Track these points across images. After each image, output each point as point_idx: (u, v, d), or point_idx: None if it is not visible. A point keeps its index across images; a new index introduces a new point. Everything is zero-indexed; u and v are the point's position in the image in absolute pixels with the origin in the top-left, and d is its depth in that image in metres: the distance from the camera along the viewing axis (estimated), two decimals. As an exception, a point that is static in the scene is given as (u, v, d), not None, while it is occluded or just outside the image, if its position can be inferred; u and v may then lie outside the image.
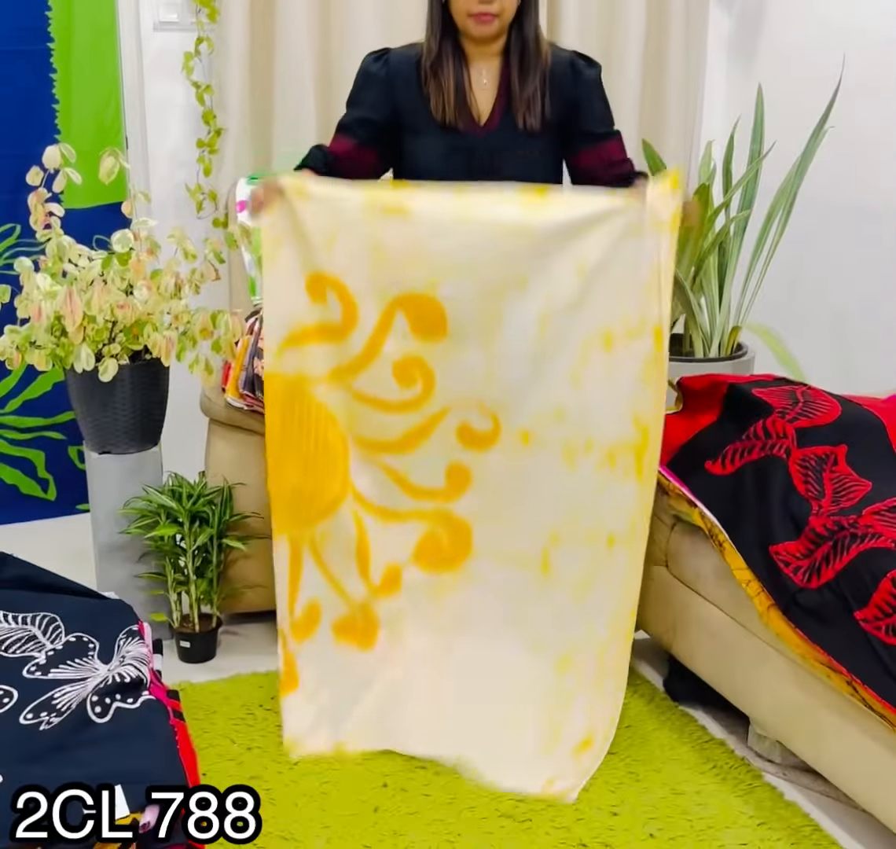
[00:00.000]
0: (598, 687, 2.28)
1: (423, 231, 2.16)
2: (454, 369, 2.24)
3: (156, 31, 3.27)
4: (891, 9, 3.13)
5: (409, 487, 2.34)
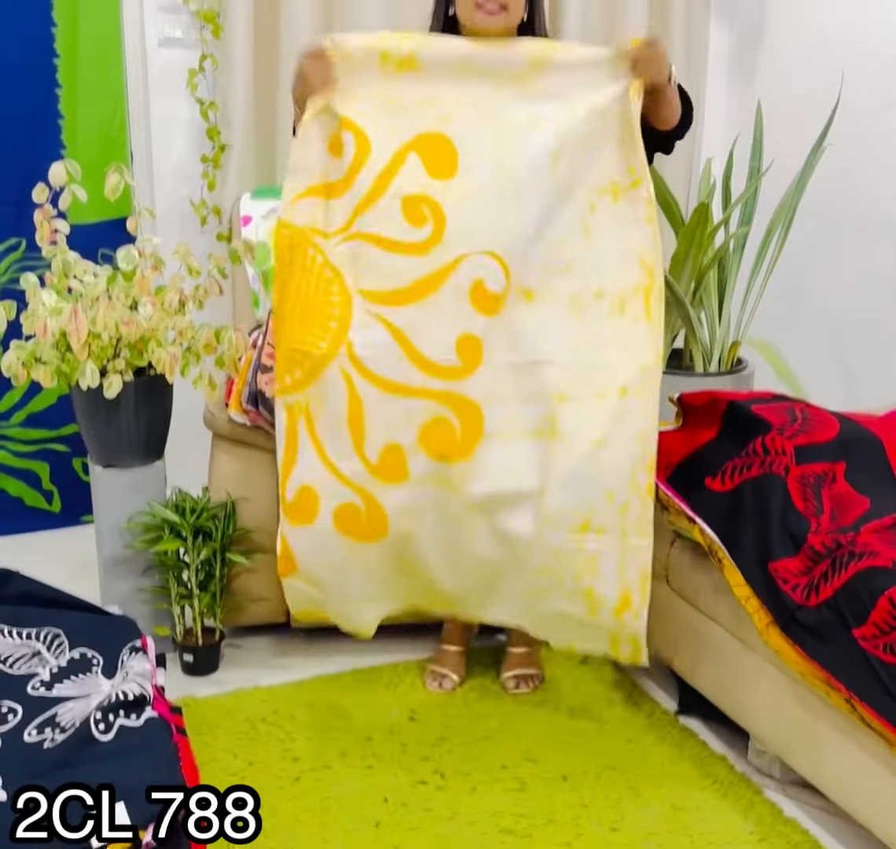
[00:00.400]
0: (623, 546, 2.25)
1: (434, 78, 2.20)
2: (466, 208, 2.19)
3: (161, 48, 3.30)
4: (890, 26, 3.15)
5: (417, 357, 2.20)
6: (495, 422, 2.23)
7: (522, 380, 2.23)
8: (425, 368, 2.20)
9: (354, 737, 2.46)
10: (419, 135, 2.21)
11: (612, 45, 2.23)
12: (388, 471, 2.23)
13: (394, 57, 2.21)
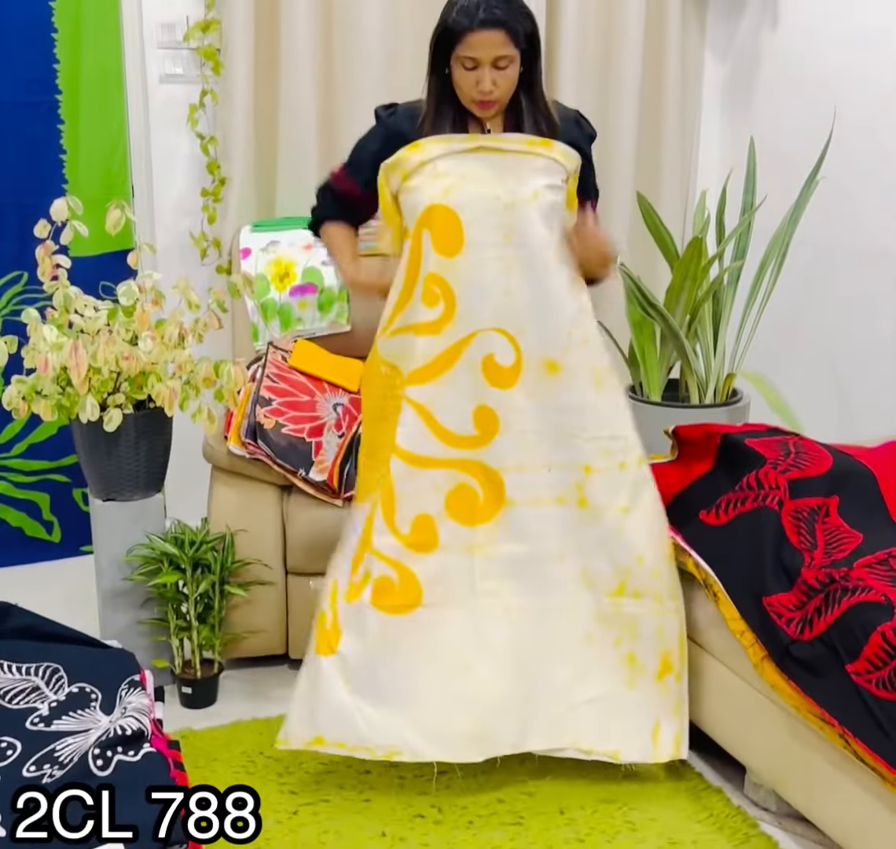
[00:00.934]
0: (660, 608, 2.36)
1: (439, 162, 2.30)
2: (472, 285, 2.29)
3: (162, 84, 3.34)
4: (881, 61, 3.19)
5: (439, 430, 2.33)
6: (517, 488, 2.34)
7: (550, 448, 2.35)
8: (447, 439, 2.34)
9: (352, 770, 2.46)
10: (427, 207, 2.28)
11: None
12: (420, 541, 2.34)
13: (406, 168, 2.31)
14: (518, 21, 2.22)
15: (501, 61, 2.22)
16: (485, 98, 2.26)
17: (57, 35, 3.19)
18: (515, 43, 2.22)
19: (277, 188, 3.42)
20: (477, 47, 2.20)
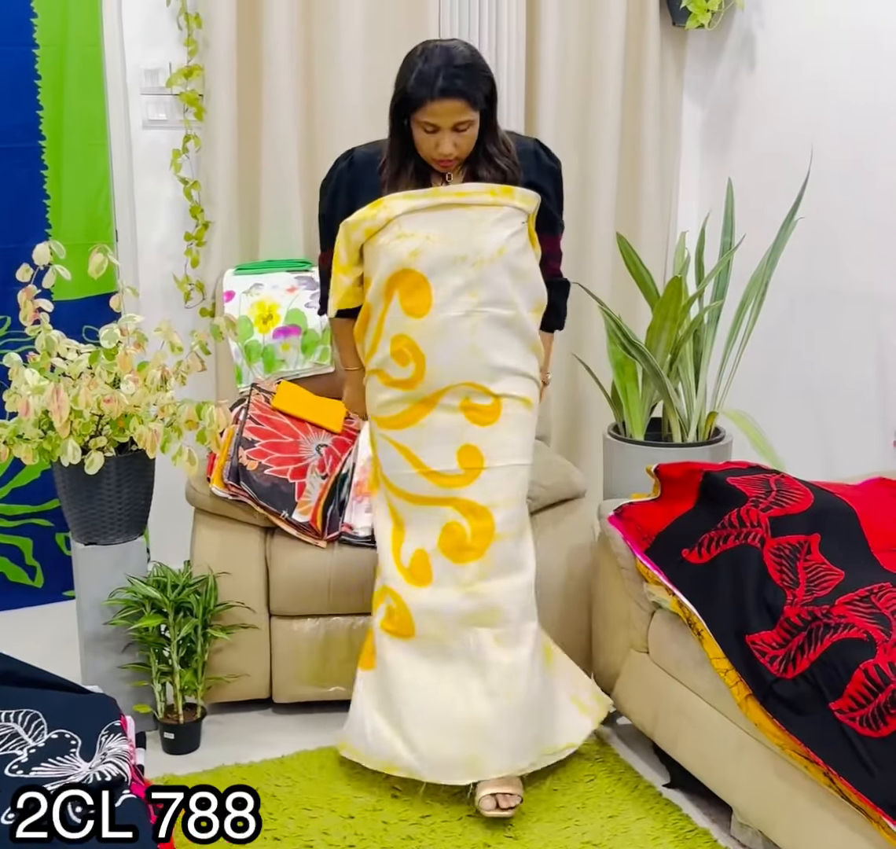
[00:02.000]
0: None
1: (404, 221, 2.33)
2: (441, 346, 2.33)
3: (145, 129, 3.37)
4: (856, 103, 3.24)
5: (425, 470, 2.39)
6: (506, 523, 2.40)
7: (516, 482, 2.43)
8: (434, 478, 2.39)
9: (336, 815, 2.44)
10: (395, 272, 2.32)
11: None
12: (417, 574, 2.42)
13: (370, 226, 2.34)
14: (477, 88, 2.24)
15: (461, 125, 2.25)
16: (444, 158, 2.28)
17: (40, 82, 3.22)
18: (474, 107, 2.24)
19: (260, 232, 3.44)
20: (437, 115, 2.23)
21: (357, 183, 2.40)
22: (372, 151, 2.42)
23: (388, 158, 2.36)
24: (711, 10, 3.55)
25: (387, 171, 2.36)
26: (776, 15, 3.55)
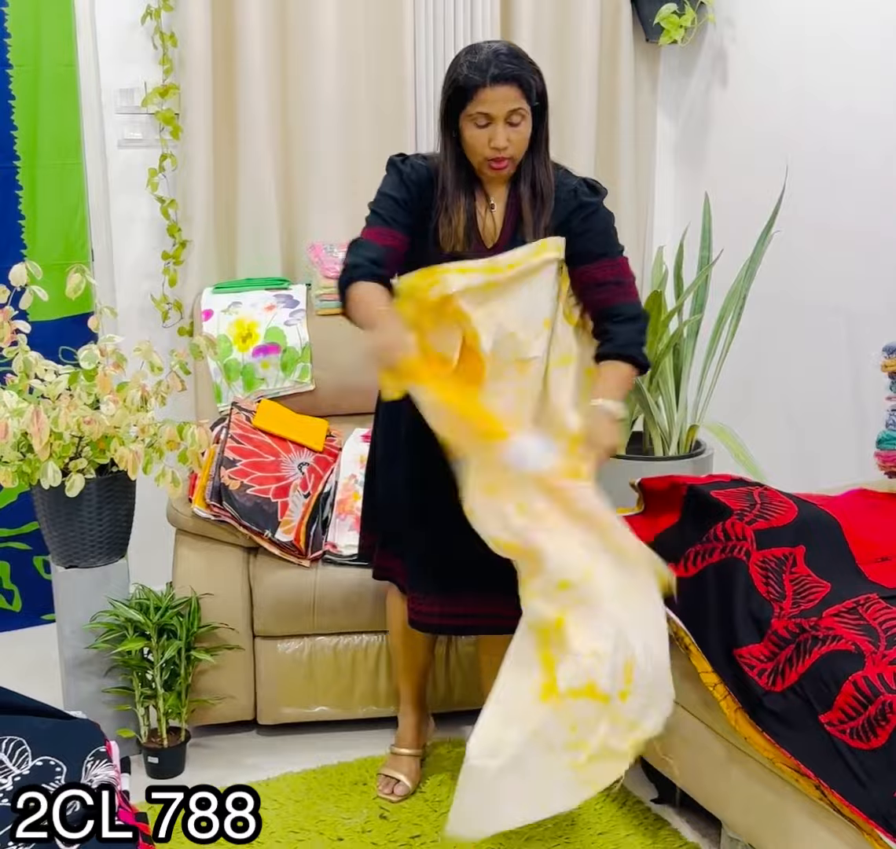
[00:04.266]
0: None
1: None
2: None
3: (120, 149, 3.35)
4: (829, 116, 3.27)
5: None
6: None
7: None
8: None
9: (325, 838, 2.42)
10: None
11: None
12: None
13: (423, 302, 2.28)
14: (530, 76, 2.20)
15: (515, 116, 2.19)
16: (498, 155, 2.22)
17: (14, 102, 3.20)
18: (528, 98, 2.20)
19: (238, 250, 3.43)
20: (490, 103, 2.18)
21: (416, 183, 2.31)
22: (424, 164, 2.34)
23: (444, 168, 2.29)
24: (684, 26, 3.58)
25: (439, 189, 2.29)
26: (748, 30, 3.58)
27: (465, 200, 2.31)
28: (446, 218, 2.30)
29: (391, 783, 2.60)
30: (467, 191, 2.31)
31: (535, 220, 2.31)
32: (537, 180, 2.31)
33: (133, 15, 3.26)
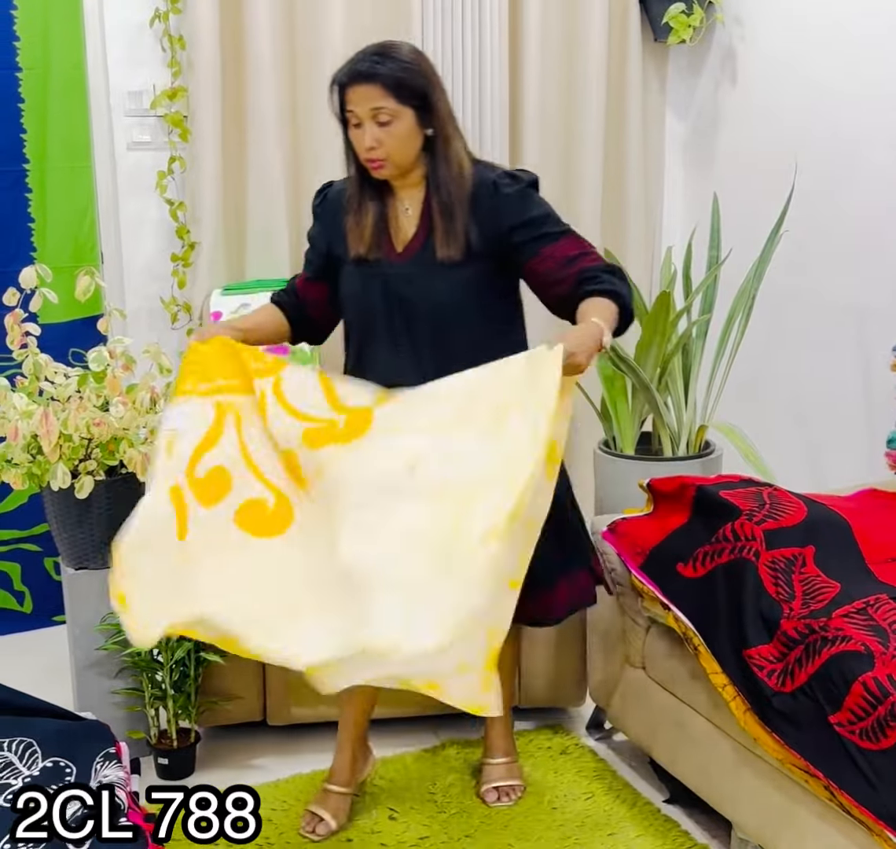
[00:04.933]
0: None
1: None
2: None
3: (129, 151, 3.36)
4: (839, 115, 3.26)
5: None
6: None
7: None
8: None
9: (334, 839, 2.42)
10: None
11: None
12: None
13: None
14: (397, 76, 2.13)
15: (381, 115, 2.14)
16: (369, 155, 2.18)
17: (24, 105, 3.21)
18: (397, 97, 2.13)
19: (247, 252, 3.43)
20: (354, 102, 2.15)
21: (326, 216, 2.38)
22: (344, 184, 2.36)
23: (348, 176, 2.31)
24: (693, 25, 3.57)
25: (348, 192, 2.31)
26: (757, 29, 3.58)
27: (372, 203, 2.28)
28: (354, 221, 2.30)
29: (314, 821, 2.44)
30: (373, 194, 2.28)
31: (446, 225, 2.24)
32: (441, 183, 2.23)
33: (142, 17, 3.27)
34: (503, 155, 3.59)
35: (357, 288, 2.36)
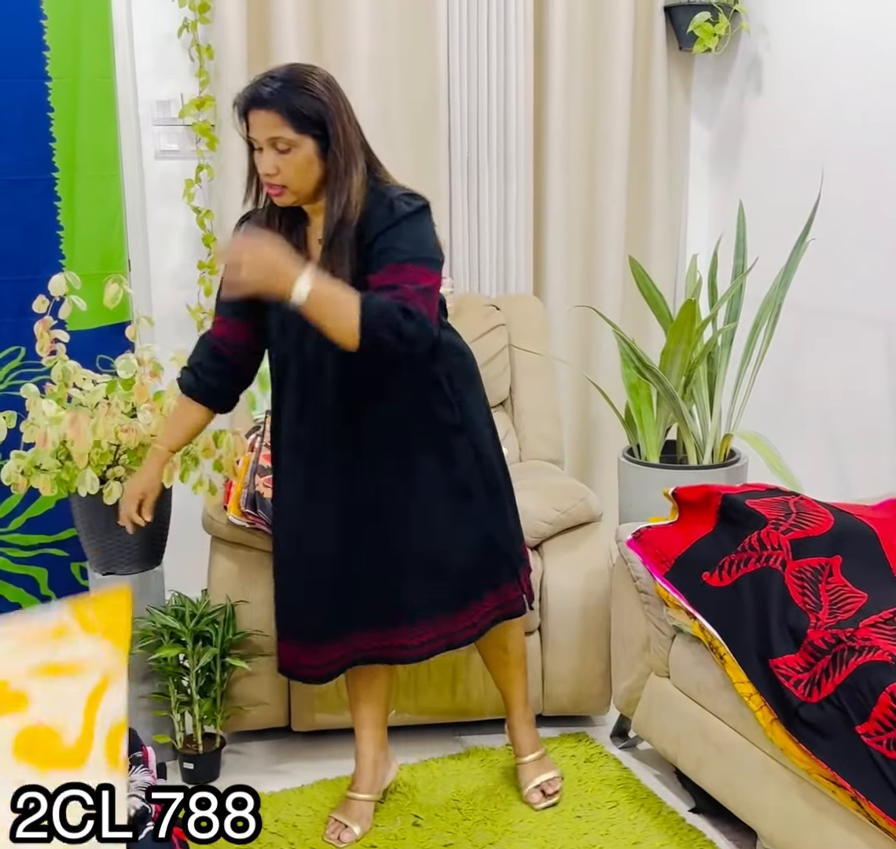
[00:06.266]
0: None
1: None
2: None
3: (157, 160, 3.39)
4: (865, 123, 3.25)
5: None
6: None
7: None
8: None
9: (359, 845, 2.43)
10: None
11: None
12: None
13: None
14: (292, 103, 2.05)
15: (279, 143, 2.07)
16: (268, 181, 2.12)
17: (53, 114, 3.23)
18: (295, 126, 2.06)
19: (273, 260, 3.45)
20: (254, 127, 2.10)
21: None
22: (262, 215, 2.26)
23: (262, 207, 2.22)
24: (718, 34, 3.57)
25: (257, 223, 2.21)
26: (782, 37, 3.57)
27: (284, 231, 2.19)
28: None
29: (339, 829, 2.46)
30: (288, 222, 2.21)
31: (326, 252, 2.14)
32: (331, 214, 2.13)
33: (170, 27, 3.30)
34: (528, 164, 3.60)
35: (275, 327, 2.28)
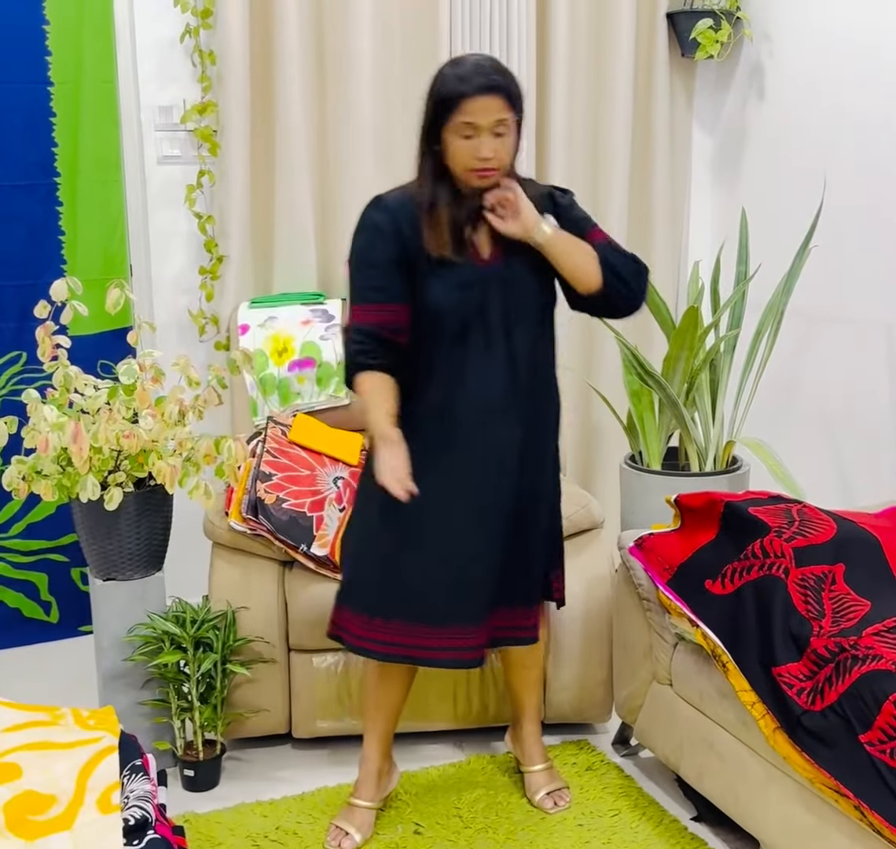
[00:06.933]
0: None
1: None
2: None
3: (159, 165, 3.39)
4: (867, 130, 3.25)
5: None
6: None
7: None
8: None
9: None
10: None
11: None
12: None
13: None
14: (515, 88, 2.22)
15: (501, 126, 2.20)
16: (485, 165, 2.22)
17: (55, 119, 3.24)
18: (514, 110, 2.21)
19: (274, 265, 3.45)
20: (477, 112, 2.18)
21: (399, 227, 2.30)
22: (404, 195, 2.34)
23: (418, 182, 2.31)
24: (720, 40, 3.57)
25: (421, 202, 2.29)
26: (785, 44, 3.57)
27: (450, 206, 2.29)
28: (430, 226, 2.29)
29: (340, 836, 2.46)
30: (450, 202, 2.30)
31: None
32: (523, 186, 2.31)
33: (172, 33, 3.30)
34: (530, 169, 3.60)
35: (449, 294, 2.32)
